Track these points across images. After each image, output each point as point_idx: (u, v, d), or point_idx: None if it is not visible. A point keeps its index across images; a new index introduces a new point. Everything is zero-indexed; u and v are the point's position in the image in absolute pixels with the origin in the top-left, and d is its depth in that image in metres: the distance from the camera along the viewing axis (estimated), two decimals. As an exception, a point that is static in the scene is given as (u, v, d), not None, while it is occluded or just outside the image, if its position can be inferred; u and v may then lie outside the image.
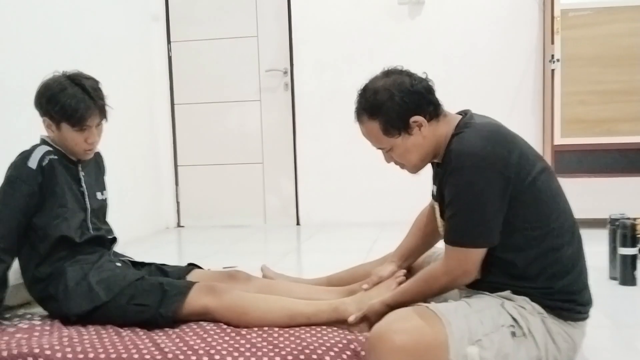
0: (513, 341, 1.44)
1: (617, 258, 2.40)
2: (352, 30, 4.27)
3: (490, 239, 1.47)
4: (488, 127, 1.52)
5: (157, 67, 4.47)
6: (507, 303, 1.49)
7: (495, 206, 1.44)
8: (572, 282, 1.51)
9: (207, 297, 1.85)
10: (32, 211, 1.97)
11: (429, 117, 1.54)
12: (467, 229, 1.47)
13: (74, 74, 1.99)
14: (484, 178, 1.43)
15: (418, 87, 1.54)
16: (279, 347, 1.64)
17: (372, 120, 1.56)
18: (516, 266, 1.50)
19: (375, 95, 1.54)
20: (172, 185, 4.60)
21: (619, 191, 3.58)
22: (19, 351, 1.70)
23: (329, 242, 3.77)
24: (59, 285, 1.94)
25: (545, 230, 1.49)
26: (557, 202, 1.53)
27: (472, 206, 1.45)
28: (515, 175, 1.45)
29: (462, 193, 1.45)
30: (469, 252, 1.47)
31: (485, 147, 1.45)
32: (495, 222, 1.46)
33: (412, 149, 1.57)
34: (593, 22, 3.64)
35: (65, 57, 3.17)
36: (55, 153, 2.02)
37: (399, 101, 1.51)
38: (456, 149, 1.48)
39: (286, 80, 4.40)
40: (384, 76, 1.58)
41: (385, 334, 1.39)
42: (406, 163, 1.62)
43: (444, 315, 1.42)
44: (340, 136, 4.30)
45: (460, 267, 1.49)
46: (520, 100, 4.06)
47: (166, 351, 1.66)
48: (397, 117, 1.53)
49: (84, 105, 1.92)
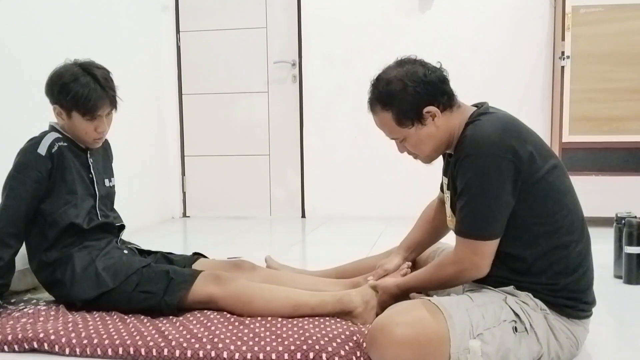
0: (514, 336, 1.44)
1: (622, 256, 2.39)
2: (362, 24, 4.25)
3: (497, 232, 1.46)
4: (504, 118, 1.51)
5: (166, 57, 4.47)
6: (509, 298, 1.49)
7: (504, 198, 1.44)
8: (577, 280, 1.51)
9: (213, 286, 1.86)
10: (41, 197, 1.98)
11: (442, 108, 1.53)
12: (477, 221, 1.46)
13: (85, 62, 2.00)
14: (496, 167, 1.42)
15: (431, 77, 1.52)
16: (282, 337, 1.65)
17: (385, 111, 1.55)
18: (522, 262, 1.49)
19: (388, 85, 1.53)
20: (179, 175, 4.61)
21: (626, 190, 3.56)
22: (24, 335, 1.72)
23: (333, 235, 3.77)
24: (66, 270, 1.95)
25: (554, 227, 1.48)
26: (568, 199, 1.52)
27: (482, 197, 1.44)
28: (527, 168, 1.44)
29: (474, 181, 1.44)
30: (478, 244, 1.47)
31: (500, 135, 1.44)
32: (503, 214, 1.45)
33: (425, 140, 1.56)
34: (604, 19, 3.61)
35: (75, 46, 3.17)
36: (64, 140, 2.03)
37: (412, 91, 1.50)
38: (471, 135, 1.47)
39: (294, 72, 4.40)
40: (397, 66, 1.56)
41: (387, 326, 1.40)
42: (419, 153, 1.61)
43: (446, 309, 1.42)
44: (348, 130, 4.30)
45: (469, 258, 1.48)
46: (529, 97, 4.04)
47: (170, 339, 1.67)
48: (410, 108, 1.52)
49: (96, 95, 1.94)
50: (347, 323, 1.76)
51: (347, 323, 1.76)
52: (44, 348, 1.69)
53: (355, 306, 1.79)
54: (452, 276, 1.54)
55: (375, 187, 4.28)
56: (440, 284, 1.60)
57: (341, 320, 1.79)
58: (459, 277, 1.54)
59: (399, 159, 1.85)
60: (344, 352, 1.54)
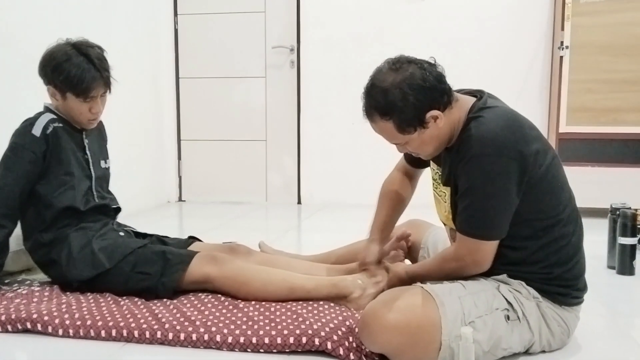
0: (506, 324, 1.44)
1: (616, 247, 2.40)
2: (362, 10, 4.22)
3: (500, 233, 1.46)
4: (506, 115, 1.47)
5: (163, 40, 4.43)
6: (502, 286, 1.49)
7: (509, 199, 1.43)
8: (570, 269, 1.52)
9: (209, 266, 1.86)
10: (36, 178, 1.97)
11: (443, 108, 1.48)
12: (480, 221, 1.46)
13: (79, 42, 1.98)
14: (503, 168, 1.40)
15: (430, 79, 1.45)
16: (276, 321, 1.66)
17: (384, 120, 1.48)
18: (518, 254, 1.50)
19: (386, 95, 1.44)
20: (175, 160, 4.60)
21: (622, 181, 3.56)
22: (17, 316, 1.72)
23: (329, 222, 3.78)
24: (62, 250, 1.95)
25: (553, 221, 1.48)
26: (564, 191, 1.52)
27: (487, 198, 1.43)
28: (531, 168, 1.43)
29: (480, 183, 1.42)
30: (480, 243, 1.47)
31: (506, 136, 1.41)
32: (507, 216, 1.45)
33: (428, 141, 1.51)
34: (604, 9, 3.59)
35: (72, 27, 3.12)
36: (59, 121, 2.02)
37: (413, 101, 1.43)
38: (477, 135, 1.42)
39: (292, 57, 4.37)
40: (392, 71, 1.46)
41: (379, 312, 1.40)
42: (421, 153, 1.57)
43: (438, 296, 1.42)
44: (345, 116, 4.28)
45: (470, 256, 1.49)
46: (527, 87, 4.03)
47: (163, 321, 1.68)
48: (413, 116, 1.45)
49: (90, 76, 1.92)
50: (341, 308, 1.77)
51: (341, 308, 1.77)
52: (37, 329, 1.69)
53: (351, 291, 1.80)
54: (453, 271, 1.54)
55: (372, 174, 4.23)
56: (444, 276, 1.59)
57: (335, 305, 1.79)
58: (461, 273, 1.53)
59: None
60: (337, 337, 1.54)
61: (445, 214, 1.62)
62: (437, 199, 1.69)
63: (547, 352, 1.54)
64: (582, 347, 1.61)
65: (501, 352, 1.45)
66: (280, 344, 1.56)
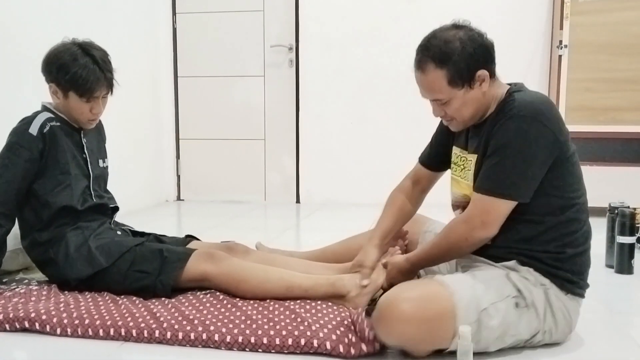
0: (515, 311, 1.46)
1: (614, 246, 2.40)
2: (360, 8, 4.22)
3: (523, 195, 1.48)
4: (547, 97, 1.57)
5: (162, 39, 4.43)
6: (512, 274, 1.51)
7: (536, 165, 1.46)
8: (581, 253, 1.54)
9: (207, 264, 1.86)
10: (32, 177, 1.97)
11: (490, 75, 1.55)
12: (506, 178, 1.47)
13: (85, 43, 2.00)
14: (539, 134, 1.45)
15: (488, 42, 1.55)
16: (274, 320, 1.65)
17: (438, 69, 1.52)
18: (533, 230, 1.51)
19: (447, 43, 1.51)
20: (173, 159, 4.59)
21: (621, 180, 3.57)
22: (15, 315, 1.71)
23: (328, 221, 3.78)
24: (59, 249, 1.95)
25: (571, 202, 1.52)
26: (582, 182, 1.57)
27: (516, 158, 1.46)
28: (562, 144, 1.48)
29: (513, 142, 1.46)
30: (495, 202, 1.47)
31: (547, 108, 1.48)
32: (534, 181, 1.48)
33: (470, 103, 1.55)
34: (603, 8, 3.59)
35: (70, 26, 3.14)
36: (56, 120, 2.02)
37: (471, 52, 1.51)
38: (520, 99, 1.49)
39: (291, 56, 4.37)
40: (455, 28, 1.56)
41: (393, 303, 1.41)
42: (458, 117, 1.59)
43: (451, 285, 1.43)
44: (344, 115, 4.28)
45: (480, 216, 1.49)
46: (526, 85, 4.03)
47: (161, 320, 1.67)
48: (466, 68, 1.51)
49: (94, 77, 1.94)
50: (339, 308, 1.76)
51: (339, 308, 1.76)
52: (35, 328, 1.69)
53: (348, 290, 1.80)
54: (460, 237, 1.53)
55: (371, 173, 4.27)
56: (448, 248, 1.58)
57: (333, 304, 1.79)
58: (467, 238, 1.52)
59: (395, 144, 1.84)
60: (335, 337, 1.54)
61: (466, 187, 1.62)
62: (455, 181, 1.70)
63: (548, 343, 1.54)
64: (580, 345, 1.61)
65: (509, 339, 1.47)
66: (278, 345, 1.56)
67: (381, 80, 4.18)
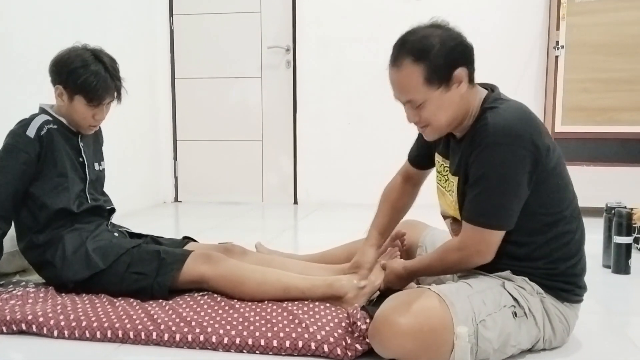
0: (514, 321, 1.45)
1: (611, 246, 2.40)
2: (358, 9, 4.22)
3: (508, 224, 1.46)
4: (522, 108, 1.49)
5: (159, 40, 4.42)
6: (507, 283, 1.49)
7: (520, 190, 1.43)
8: (574, 265, 1.53)
9: (204, 266, 1.86)
10: (29, 180, 1.97)
11: (468, 78, 1.48)
12: (489, 210, 1.44)
13: (96, 49, 2.02)
14: (517, 159, 1.40)
15: (467, 42, 1.48)
16: (272, 322, 1.65)
17: (415, 65, 1.43)
18: (524, 248, 1.50)
19: (426, 39, 1.44)
20: (171, 160, 4.59)
21: (617, 181, 3.57)
22: (12, 317, 1.71)
23: (325, 222, 3.77)
24: (56, 251, 1.95)
25: (559, 216, 1.49)
26: (569, 190, 1.53)
27: (499, 188, 1.42)
28: (543, 161, 1.43)
29: (493, 172, 1.42)
30: (486, 232, 1.45)
31: (522, 127, 1.42)
32: (517, 207, 1.45)
33: (446, 106, 1.46)
34: (600, 9, 3.60)
35: (67, 27, 3.14)
36: (54, 122, 2.01)
37: (449, 48, 1.43)
38: (492, 124, 1.41)
39: (288, 58, 4.37)
40: (433, 26, 1.49)
41: (390, 317, 1.39)
42: (433, 122, 1.50)
43: (447, 297, 1.41)
44: (341, 116, 4.28)
45: (475, 246, 1.47)
46: (523, 86, 4.03)
47: (159, 322, 1.67)
48: (445, 65, 1.43)
49: (105, 84, 1.96)
50: (337, 309, 1.76)
51: (336, 309, 1.76)
52: (32, 330, 1.69)
53: (346, 291, 1.79)
54: (456, 262, 1.53)
55: (368, 174, 4.26)
56: (444, 269, 1.58)
57: (331, 305, 1.79)
58: (463, 263, 1.52)
59: (392, 145, 1.84)
60: (333, 339, 1.54)
61: (452, 205, 1.60)
62: (441, 192, 1.68)
63: (547, 349, 1.54)
64: (578, 345, 1.61)
65: (510, 349, 1.46)
66: (276, 347, 1.56)
67: (378, 81, 4.15)
